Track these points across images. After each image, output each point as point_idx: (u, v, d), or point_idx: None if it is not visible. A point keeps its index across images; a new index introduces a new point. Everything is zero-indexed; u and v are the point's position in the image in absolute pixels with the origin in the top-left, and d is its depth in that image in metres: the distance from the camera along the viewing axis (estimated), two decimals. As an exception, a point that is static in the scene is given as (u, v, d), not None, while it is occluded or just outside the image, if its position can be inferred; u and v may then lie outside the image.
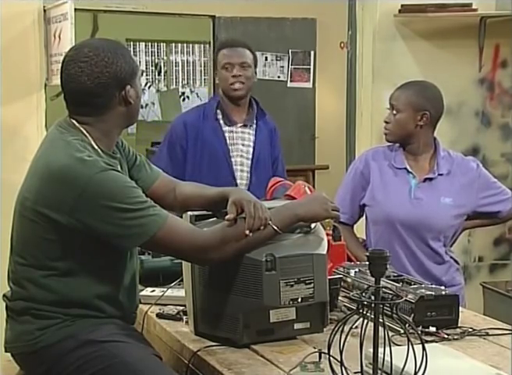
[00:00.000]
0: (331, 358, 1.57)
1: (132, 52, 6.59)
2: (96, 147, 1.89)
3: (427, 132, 2.75)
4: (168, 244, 1.83)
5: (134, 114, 1.97)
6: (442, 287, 2.13)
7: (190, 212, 1.99)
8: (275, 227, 1.87)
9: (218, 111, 3.18)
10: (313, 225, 1.99)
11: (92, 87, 1.86)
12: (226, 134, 3.16)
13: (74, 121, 1.91)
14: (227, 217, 1.85)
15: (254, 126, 3.23)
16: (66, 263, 1.87)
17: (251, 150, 3.20)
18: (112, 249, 1.88)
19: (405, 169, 2.77)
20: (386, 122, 2.79)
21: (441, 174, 2.74)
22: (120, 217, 1.79)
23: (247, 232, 1.82)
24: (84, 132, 1.89)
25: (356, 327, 1.54)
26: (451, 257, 2.82)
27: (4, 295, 2.01)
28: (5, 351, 1.99)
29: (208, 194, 2.10)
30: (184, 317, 2.10)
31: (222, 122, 3.18)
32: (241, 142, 3.19)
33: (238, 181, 3.15)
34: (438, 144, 2.80)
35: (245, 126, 3.21)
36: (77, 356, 1.85)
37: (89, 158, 1.82)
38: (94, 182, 1.78)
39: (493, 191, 2.81)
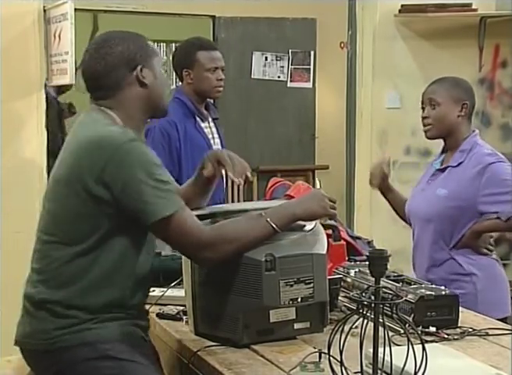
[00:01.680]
0: (331, 358, 1.57)
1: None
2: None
3: (466, 123, 2.72)
4: (174, 233, 1.81)
5: (155, 97, 1.95)
6: (442, 287, 2.13)
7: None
8: (274, 226, 1.86)
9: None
10: (312, 224, 1.99)
11: (100, 69, 1.90)
12: (204, 130, 3.22)
13: (98, 106, 1.93)
14: (205, 172, 1.96)
15: (210, 118, 3.30)
16: (94, 240, 1.84)
17: (219, 142, 3.31)
18: (133, 233, 1.87)
19: (434, 162, 2.82)
20: (425, 117, 2.73)
21: (451, 166, 2.71)
22: (139, 190, 1.78)
23: (236, 180, 1.86)
24: (111, 113, 1.91)
25: (356, 327, 1.53)
26: (459, 262, 2.68)
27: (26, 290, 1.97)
28: (15, 345, 1.95)
29: (191, 180, 2.14)
30: (184, 317, 2.10)
31: (198, 119, 3.21)
32: (212, 136, 3.26)
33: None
34: (473, 137, 2.73)
35: (210, 120, 3.28)
36: (92, 367, 1.82)
37: (121, 129, 1.85)
38: (125, 149, 1.79)
39: (500, 190, 2.63)
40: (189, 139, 3.15)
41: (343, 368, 1.55)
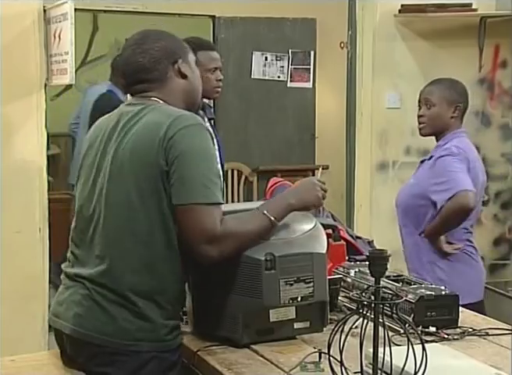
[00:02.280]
0: (331, 358, 1.57)
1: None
2: None
3: (457, 123, 2.96)
4: (193, 222, 1.80)
5: (194, 89, 2.06)
6: (443, 287, 2.13)
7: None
8: (272, 218, 1.88)
9: None
10: (313, 224, 1.99)
11: (145, 62, 1.98)
12: None
13: (143, 96, 1.98)
14: None
15: (206, 118, 3.29)
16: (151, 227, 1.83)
17: (215, 141, 3.28)
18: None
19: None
20: (420, 116, 2.96)
21: (426, 159, 2.98)
22: (189, 168, 1.81)
23: None
24: (158, 100, 1.97)
25: (356, 327, 1.53)
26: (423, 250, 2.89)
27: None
28: (65, 333, 1.87)
29: None
30: (184, 317, 2.10)
31: None
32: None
33: (220, 173, 3.20)
34: (453, 134, 2.92)
35: (206, 120, 3.27)
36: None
37: (187, 112, 1.91)
38: (191, 130, 1.85)
39: (441, 180, 2.79)
40: None
41: (343, 368, 1.55)
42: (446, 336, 1.98)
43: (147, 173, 1.84)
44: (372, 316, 1.52)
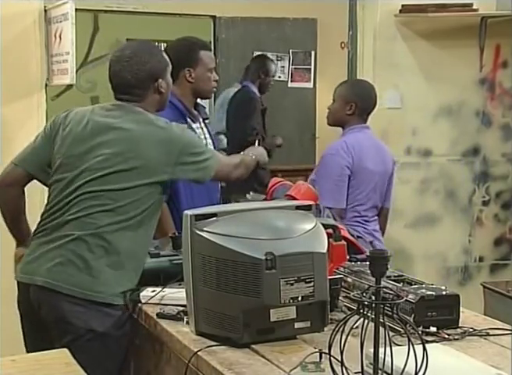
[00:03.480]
0: (331, 358, 1.57)
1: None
2: None
3: (356, 120, 3.40)
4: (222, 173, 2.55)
5: (165, 100, 2.54)
6: (443, 287, 2.13)
7: (189, 211, 1.99)
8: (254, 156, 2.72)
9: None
10: (313, 224, 1.99)
11: (132, 80, 2.42)
12: (196, 131, 3.21)
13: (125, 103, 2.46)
14: None
15: (200, 119, 3.29)
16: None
17: (211, 142, 3.30)
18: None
19: None
20: (328, 108, 3.45)
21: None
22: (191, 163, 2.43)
23: None
24: (141, 109, 2.44)
25: (356, 327, 1.53)
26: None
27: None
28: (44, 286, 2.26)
29: None
30: (185, 317, 2.10)
31: (189, 120, 3.20)
32: (204, 136, 3.26)
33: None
34: (348, 130, 3.39)
35: (201, 121, 3.27)
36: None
37: (170, 122, 2.45)
38: (187, 138, 2.45)
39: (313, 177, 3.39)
40: None
41: (343, 368, 1.55)
42: (446, 336, 1.98)
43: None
44: (373, 316, 1.52)
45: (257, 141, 3.31)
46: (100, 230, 2.29)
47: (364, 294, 1.56)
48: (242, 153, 2.79)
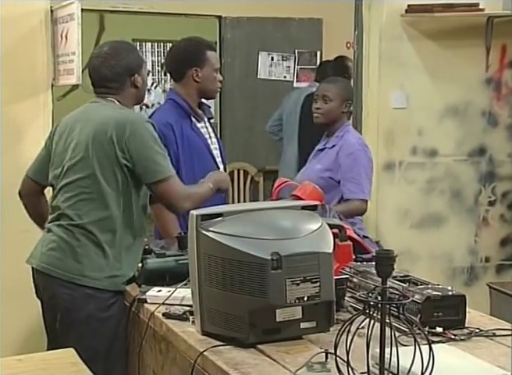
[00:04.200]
0: (337, 358, 1.57)
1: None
2: None
3: (345, 117, 3.52)
4: (168, 192, 2.52)
5: (141, 94, 2.73)
6: (449, 288, 2.12)
7: (195, 211, 1.99)
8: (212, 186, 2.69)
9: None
10: (319, 224, 1.99)
11: (109, 74, 2.62)
12: (201, 130, 3.22)
13: (104, 98, 2.63)
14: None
15: (205, 118, 3.29)
16: None
17: (216, 141, 3.30)
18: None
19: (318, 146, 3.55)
20: (318, 108, 3.47)
21: (327, 148, 3.45)
22: (151, 155, 2.54)
23: None
24: (116, 102, 2.62)
25: (362, 328, 1.53)
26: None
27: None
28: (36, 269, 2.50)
29: None
30: (191, 317, 2.10)
31: (193, 119, 3.20)
32: (209, 136, 3.25)
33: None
34: (346, 126, 3.47)
35: (206, 120, 3.27)
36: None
37: (136, 113, 2.61)
38: (145, 126, 2.53)
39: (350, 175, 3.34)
40: (186, 140, 3.14)
41: (349, 368, 1.55)
42: (452, 336, 1.98)
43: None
44: (379, 317, 1.52)
45: (222, 167, 3.26)
46: (81, 222, 2.50)
47: (370, 295, 1.56)
48: (202, 180, 2.74)
